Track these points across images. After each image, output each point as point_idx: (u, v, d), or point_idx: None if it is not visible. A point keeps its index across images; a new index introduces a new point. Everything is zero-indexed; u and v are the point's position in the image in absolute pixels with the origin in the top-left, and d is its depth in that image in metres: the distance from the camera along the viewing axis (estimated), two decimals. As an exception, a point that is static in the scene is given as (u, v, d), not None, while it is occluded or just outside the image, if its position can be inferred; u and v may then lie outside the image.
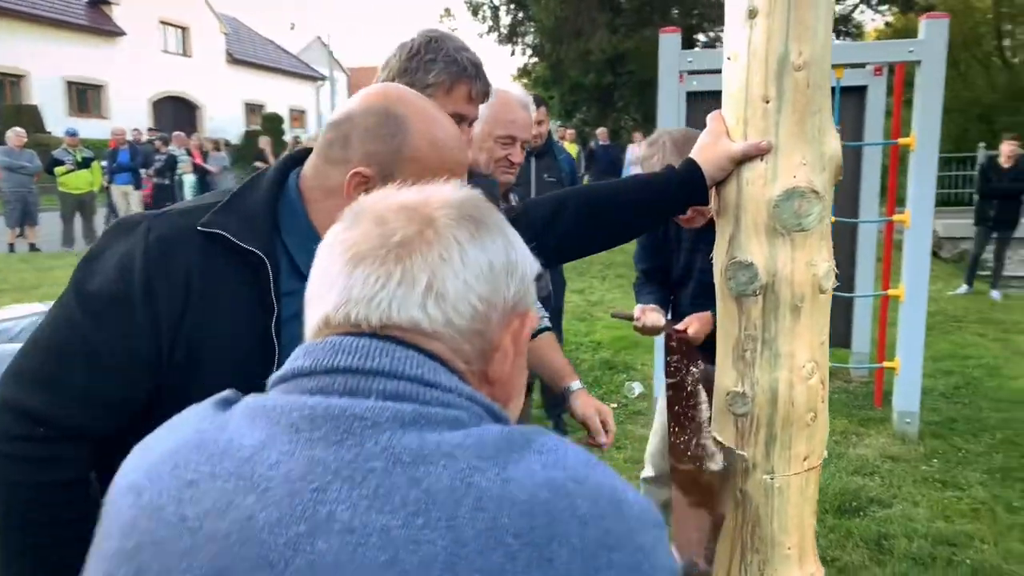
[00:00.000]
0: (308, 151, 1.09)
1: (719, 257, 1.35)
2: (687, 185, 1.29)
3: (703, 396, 1.57)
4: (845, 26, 17.64)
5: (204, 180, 12.52)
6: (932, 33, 3.62)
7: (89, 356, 0.90)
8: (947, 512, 3.23)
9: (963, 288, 7.95)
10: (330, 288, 0.58)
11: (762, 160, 1.26)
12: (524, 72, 18.63)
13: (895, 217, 4.13)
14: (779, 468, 1.32)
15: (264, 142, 13.64)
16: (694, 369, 1.68)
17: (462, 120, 1.32)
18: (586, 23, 15.10)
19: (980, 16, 22.80)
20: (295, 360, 0.58)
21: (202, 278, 0.93)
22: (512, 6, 16.11)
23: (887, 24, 19.34)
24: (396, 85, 1.05)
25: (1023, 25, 22.42)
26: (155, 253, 0.92)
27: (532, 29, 15.94)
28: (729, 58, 1.30)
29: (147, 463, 0.57)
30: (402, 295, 0.55)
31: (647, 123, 22.39)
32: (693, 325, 1.87)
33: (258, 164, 13.08)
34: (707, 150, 1.30)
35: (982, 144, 11.37)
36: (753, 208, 1.28)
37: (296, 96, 31.85)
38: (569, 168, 4.05)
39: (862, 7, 17.32)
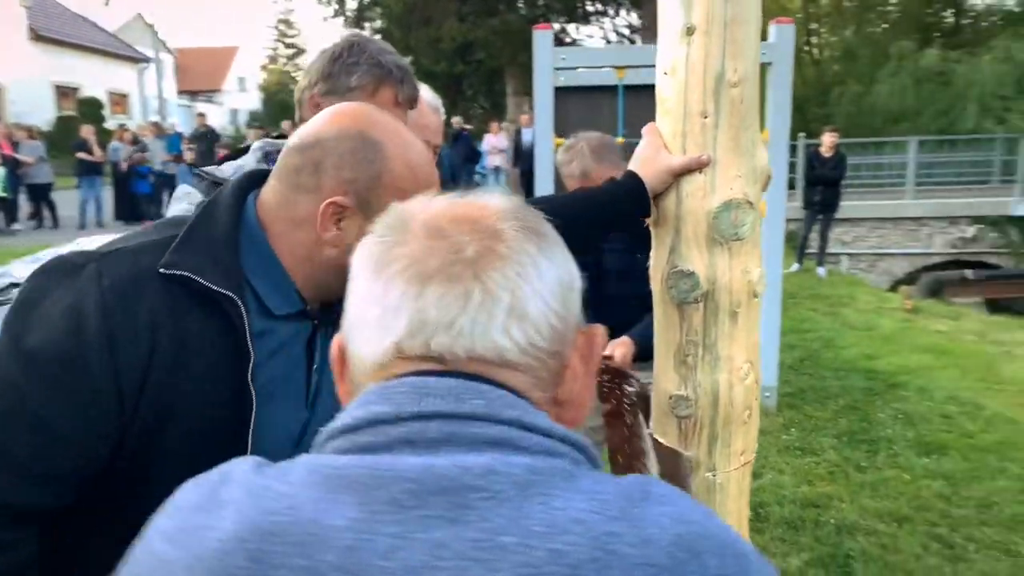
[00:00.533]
0: (263, 173, 1.00)
1: (658, 266, 1.38)
2: (632, 198, 1.32)
3: (643, 425, 1.60)
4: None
5: (15, 172, 11.22)
6: (781, 36, 3.92)
7: (35, 426, 0.78)
8: (809, 477, 3.56)
9: (795, 267, 8.75)
10: (395, 313, 0.51)
11: (701, 173, 1.31)
12: (373, 58, 18.21)
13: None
14: (720, 465, 1.39)
15: (87, 131, 12.42)
16: (628, 388, 1.71)
17: None
18: (435, 10, 14.99)
19: (791, 15, 25.03)
20: (368, 405, 0.50)
21: (168, 327, 0.83)
22: (358, -11, 15.71)
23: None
24: (363, 106, 0.98)
25: (828, 25, 24.91)
26: (113, 302, 0.81)
27: (380, 14, 15.58)
28: (665, 72, 1.33)
29: (199, 560, 0.46)
30: (485, 318, 0.50)
31: (496, 111, 22.74)
32: (618, 351, 1.92)
33: (81, 155, 11.90)
34: (648, 163, 1.33)
35: (802, 134, 12.53)
36: (693, 219, 1.32)
37: (115, 79, 29.17)
38: (447, 163, 4.01)
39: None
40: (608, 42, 24.15)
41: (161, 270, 0.85)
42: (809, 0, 21.56)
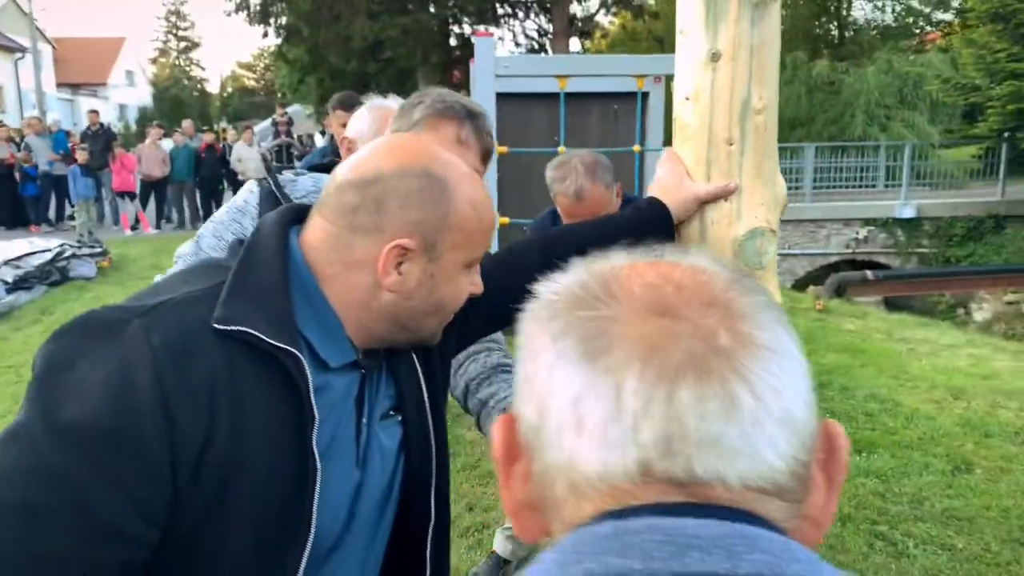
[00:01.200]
0: (303, 209, 0.90)
1: (680, 295, 1.35)
2: (659, 226, 1.28)
3: None
4: (586, 26, 19.05)
5: None
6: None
7: (77, 516, 0.65)
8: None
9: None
10: (636, 419, 0.39)
11: (727, 201, 1.28)
12: (280, 55, 17.57)
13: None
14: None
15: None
16: None
17: None
18: (344, 8, 14.61)
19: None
20: (602, 557, 0.37)
21: (226, 389, 0.73)
22: (263, -17, 15.11)
23: (622, 26, 21.23)
24: (423, 138, 0.90)
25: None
26: (166, 364, 0.70)
27: (286, 10, 15.04)
28: (687, 98, 1.30)
29: None
30: (755, 431, 0.39)
31: (406, 111, 22.43)
32: None
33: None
34: (673, 191, 1.29)
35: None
36: (719, 247, 1.30)
37: (-12, 69, 26.99)
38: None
39: (602, 10, 18.83)
40: (517, 44, 24.30)
41: (216, 325, 0.74)
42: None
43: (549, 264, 1.24)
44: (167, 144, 12.29)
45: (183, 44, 49.78)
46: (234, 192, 13.01)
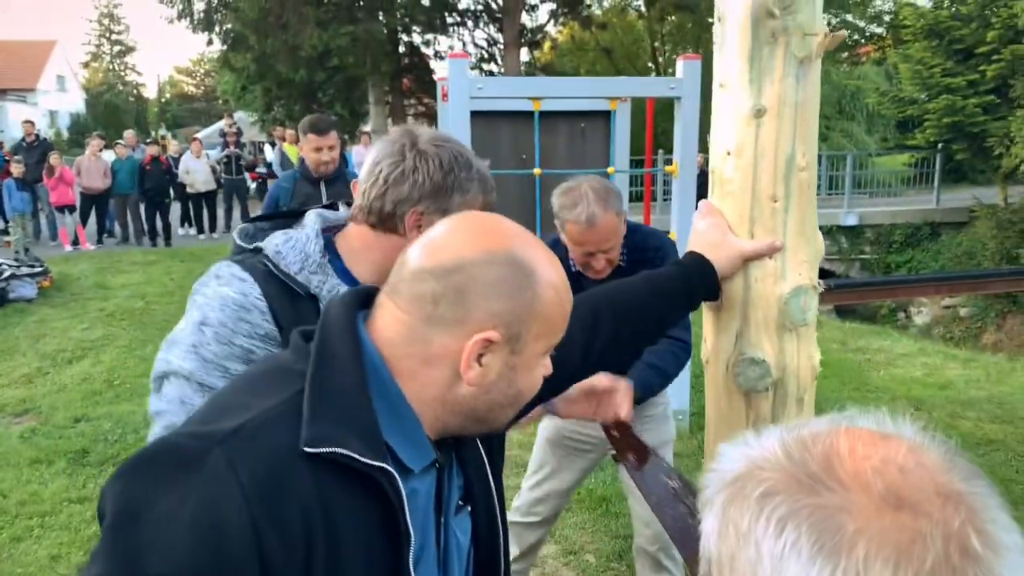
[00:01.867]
0: (369, 292, 0.84)
1: (722, 352, 1.33)
2: (704, 282, 1.25)
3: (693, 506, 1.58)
4: (536, 36, 19.13)
5: None
6: (688, 72, 4.04)
7: None
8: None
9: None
10: None
11: (771, 258, 1.27)
12: (225, 63, 17.10)
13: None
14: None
15: None
16: (671, 483, 1.64)
17: None
18: (293, 16, 14.33)
19: (639, 33, 26.41)
20: None
21: (319, 518, 0.67)
22: (207, -10, 14.67)
23: (571, 37, 21.41)
24: (497, 219, 0.84)
25: (671, 43, 26.46)
26: (258, 502, 0.64)
27: (232, 17, 14.65)
28: (729, 153, 1.28)
29: None
30: None
31: (354, 119, 22.17)
32: (623, 406, 1.84)
33: None
34: (717, 248, 1.27)
35: (661, 151, 13.18)
36: (763, 305, 1.28)
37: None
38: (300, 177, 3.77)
39: (551, 21, 18.92)
40: (468, 54, 24.23)
41: (306, 448, 0.68)
42: (654, 20, 22.78)
43: (625, 322, 1.19)
44: (108, 155, 11.81)
45: (117, 48, 48.18)
46: (182, 205, 12.34)
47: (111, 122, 34.92)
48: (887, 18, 21.25)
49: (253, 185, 16.32)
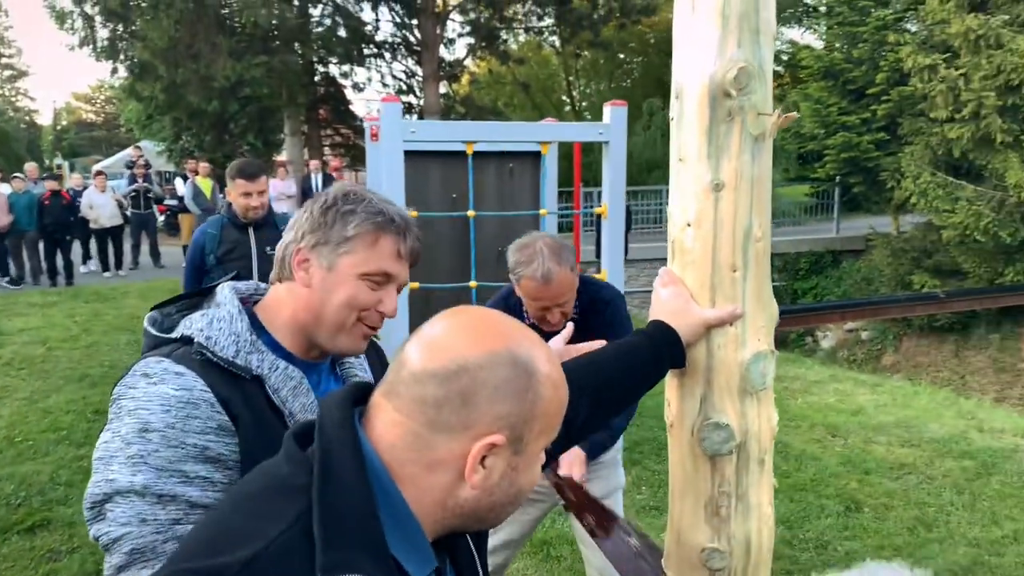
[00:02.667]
0: (364, 387, 0.82)
1: (686, 417, 1.36)
2: (671, 350, 1.28)
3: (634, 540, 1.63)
4: (455, 69, 19.31)
5: None
6: (615, 118, 4.16)
7: None
8: (672, 537, 3.73)
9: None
10: None
11: (731, 325, 1.31)
12: (131, 92, 16.42)
13: (596, 275, 4.66)
14: (748, 610, 1.39)
15: None
16: (630, 540, 1.71)
17: (389, 280, 1.13)
18: (204, 46, 13.95)
19: (554, 67, 27.09)
20: None
21: None
22: (112, 17, 14.06)
23: (489, 71, 21.71)
24: (494, 313, 0.83)
25: (585, 78, 27.27)
26: None
27: (139, 46, 14.11)
28: (689, 224, 1.33)
29: None
30: None
31: (268, 149, 21.69)
32: (576, 469, 1.85)
33: None
34: (680, 315, 1.30)
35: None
36: (726, 371, 1.32)
37: None
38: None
39: (469, 56, 19.15)
40: (385, 85, 24.17)
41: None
42: (569, 56, 23.44)
43: (601, 397, 1.20)
44: (5, 189, 11.10)
45: (8, 72, 45.62)
46: (83, 244, 11.67)
47: (1, 151, 32.89)
48: (784, 57, 22.59)
49: (161, 218, 15.69)
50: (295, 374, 1.09)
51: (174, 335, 1.07)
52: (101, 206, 11.26)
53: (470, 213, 4.02)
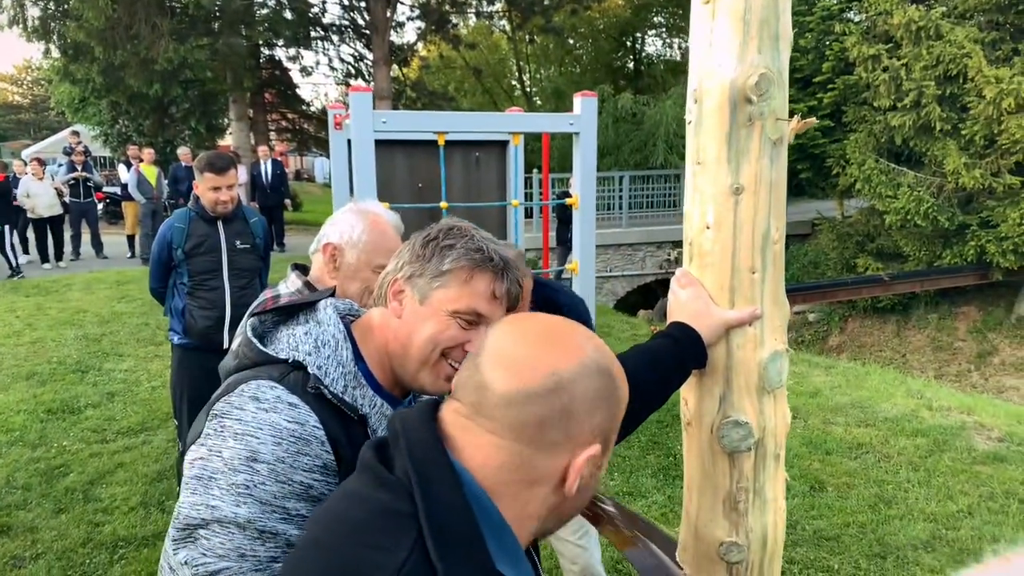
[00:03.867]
0: (431, 403, 0.82)
1: (705, 416, 1.39)
2: (694, 351, 1.31)
3: (636, 532, 1.68)
4: (405, 53, 19.04)
5: None
6: (585, 108, 4.17)
7: None
8: (647, 522, 3.81)
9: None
10: None
11: (751, 326, 1.34)
12: (65, 74, 15.69)
13: (567, 266, 4.68)
14: (764, 600, 1.43)
15: None
16: (607, 508, 1.76)
17: (480, 321, 1.08)
18: (144, 27, 13.41)
19: (505, 52, 26.98)
20: None
21: None
22: (43, -5, 13.39)
23: (440, 55, 21.49)
24: (563, 321, 0.84)
25: (535, 63, 27.22)
26: None
27: (73, 27, 13.47)
28: (708, 227, 1.35)
29: None
30: None
31: (211, 135, 21.05)
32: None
33: None
34: (702, 317, 1.32)
35: (535, 170, 13.50)
36: (744, 370, 1.35)
37: None
38: (262, 232, 3.61)
39: (420, 40, 18.90)
40: (333, 69, 23.66)
41: None
42: (520, 42, 23.37)
43: (632, 399, 1.22)
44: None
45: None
46: (18, 233, 11.15)
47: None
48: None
49: (100, 206, 15.09)
50: (390, 413, 1.07)
51: (281, 355, 1.03)
52: (39, 195, 10.77)
53: (443, 204, 3.99)
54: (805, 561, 3.42)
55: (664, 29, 26.79)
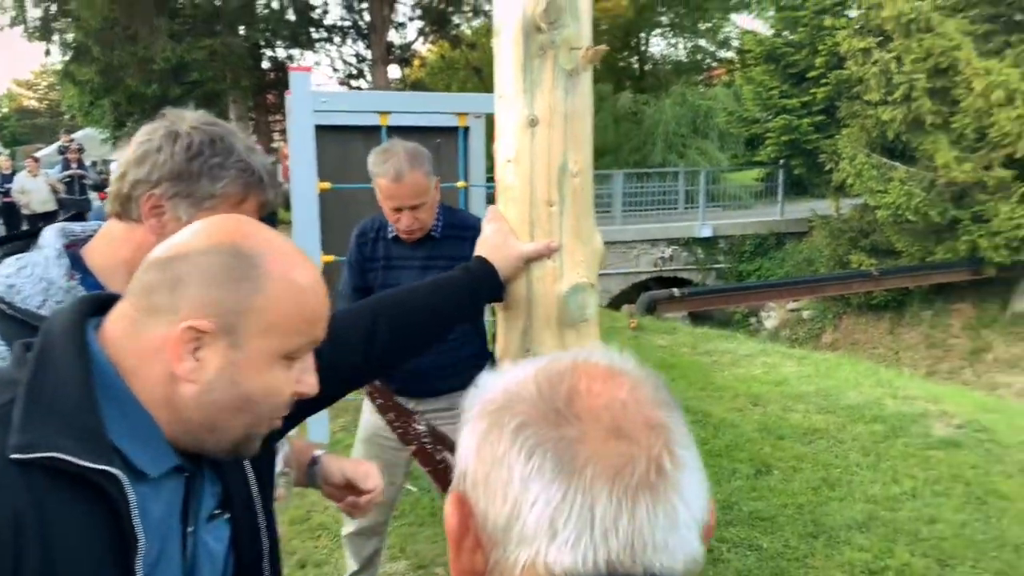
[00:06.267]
0: (107, 297, 0.82)
1: (509, 349, 1.39)
2: (489, 283, 1.31)
3: (446, 455, 1.71)
4: (405, 53, 19.12)
5: None
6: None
7: None
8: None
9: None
10: (607, 527, 0.48)
11: (550, 259, 1.34)
12: (67, 75, 15.91)
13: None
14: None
15: None
16: (418, 428, 1.80)
17: None
18: (142, 27, 13.56)
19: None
20: None
21: (33, 527, 0.66)
22: (42, -4, 13.58)
23: (440, 56, 21.56)
24: (242, 218, 0.84)
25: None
26: None
27: (72, 26, 13.66)
28: (509, 160, 1.35)
29: None
30: (688, 533, 0.50)
31: (215, 136, 21.16)
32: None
33: None
34: (499, 249, 1.33)
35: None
36: (544, 303, 1.35)
37: None
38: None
39: (420, 39, 18.98)
40: (335, 70, 23.77)
41: (14, 456, 0.66)
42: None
43: (404, 325, 1.22)
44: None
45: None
46: (9, 228, 11.42)
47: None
48: (735, 43, 22.89)
49: (99, 204, 15.24)
50: None
51: None
52: (33, 191, 10.93)
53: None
54: (736, 540, 3.40)
55: (670, 28, 26.73)
